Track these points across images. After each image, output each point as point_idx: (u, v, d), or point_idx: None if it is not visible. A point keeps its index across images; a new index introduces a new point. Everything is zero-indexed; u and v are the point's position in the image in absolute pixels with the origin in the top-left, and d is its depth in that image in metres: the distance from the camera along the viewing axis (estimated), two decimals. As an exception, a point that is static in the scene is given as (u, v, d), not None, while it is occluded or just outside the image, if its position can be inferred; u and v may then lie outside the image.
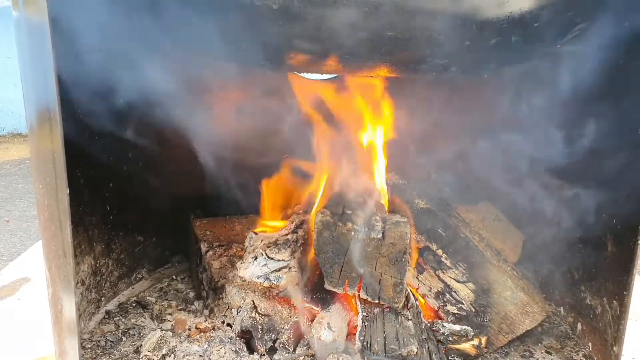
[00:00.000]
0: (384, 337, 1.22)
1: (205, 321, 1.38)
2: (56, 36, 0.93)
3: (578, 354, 1.42)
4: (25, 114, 1.09)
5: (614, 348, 1.22)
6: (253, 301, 1.32)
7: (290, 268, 1.34)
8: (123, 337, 1.40)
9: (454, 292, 1.41)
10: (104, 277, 1.54)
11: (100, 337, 1.40)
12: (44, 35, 0.92)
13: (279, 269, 1.34)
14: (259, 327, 1.28)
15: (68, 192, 0.98)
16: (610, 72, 1.20)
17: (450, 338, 1.35)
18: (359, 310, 1.26)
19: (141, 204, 1.66)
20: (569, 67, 1.28)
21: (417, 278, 1.46)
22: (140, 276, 1.74)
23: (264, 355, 1.26)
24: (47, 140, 0.99)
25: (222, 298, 1.40)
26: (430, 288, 1.45)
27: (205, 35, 1.02)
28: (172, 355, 1.21)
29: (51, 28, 0.91)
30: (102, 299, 1.54)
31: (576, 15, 1.01)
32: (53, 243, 1.07)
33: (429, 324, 1.36)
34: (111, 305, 1.56)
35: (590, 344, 1.41)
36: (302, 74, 1.53)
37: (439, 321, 1.39)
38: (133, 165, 1.59)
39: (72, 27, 1.21)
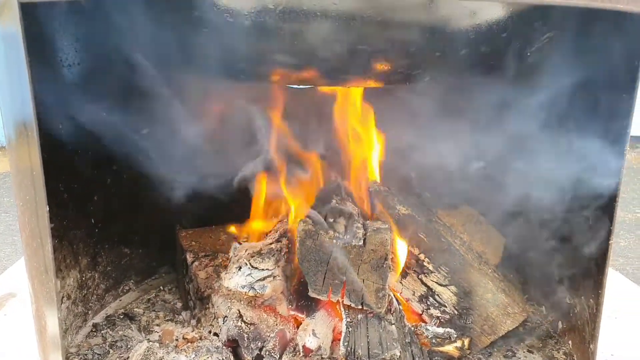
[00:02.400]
0: (368, 342, 1.24)
1: (192, 331, 1.39)
2: (33, 48, 0.91)
3: (559, 352, 1.45)
4: (4, 129, 1.09)
5: (591, 345, 1.25)
6: (239, 310, 1.34)
7: (274, 277, 1.36)
8: (110, 349, 1.41)
9: (437, 295, 1.44)
10: (90, 290, 1.54)
11: (88, 350, 1.40)
12: (19, 47, 0.90)
13: (264, 278, 1.36)
14: (245, 335, 1.29)
15: (48, 209, 0.98)
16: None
17: (434, 340, 1.38)
18: (343, 316, 1.28)
19: (126, 216, 1.67)
20: (541, 70, 1.31)
21: (400, 282, 1.48)
22: (127, 288, 1.74)
23: (250, 363, 1.27)
24: (25, 156, 0.99)
25: (209, 308, 1.41)
26: (414, 292, 1.47)
27: (181, 51, 1.03)
28: (159, 367, 1.22)
29: (25, 40, 0.89)
30: (89, 312, 1.55)
31: (543, 24, 1.05)
32: (35, 260, 1.07)
33: (412, 328, 1.38)
34: (98, 318, 1.56)
35: (570, 342, 1.44)
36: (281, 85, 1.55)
37: (423, 324, 1.41)
38: (117, 178, 1.60)
39: (49, 40, 1.22)
